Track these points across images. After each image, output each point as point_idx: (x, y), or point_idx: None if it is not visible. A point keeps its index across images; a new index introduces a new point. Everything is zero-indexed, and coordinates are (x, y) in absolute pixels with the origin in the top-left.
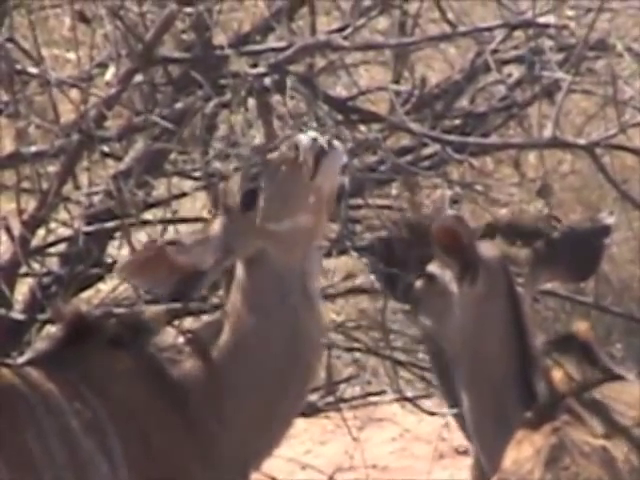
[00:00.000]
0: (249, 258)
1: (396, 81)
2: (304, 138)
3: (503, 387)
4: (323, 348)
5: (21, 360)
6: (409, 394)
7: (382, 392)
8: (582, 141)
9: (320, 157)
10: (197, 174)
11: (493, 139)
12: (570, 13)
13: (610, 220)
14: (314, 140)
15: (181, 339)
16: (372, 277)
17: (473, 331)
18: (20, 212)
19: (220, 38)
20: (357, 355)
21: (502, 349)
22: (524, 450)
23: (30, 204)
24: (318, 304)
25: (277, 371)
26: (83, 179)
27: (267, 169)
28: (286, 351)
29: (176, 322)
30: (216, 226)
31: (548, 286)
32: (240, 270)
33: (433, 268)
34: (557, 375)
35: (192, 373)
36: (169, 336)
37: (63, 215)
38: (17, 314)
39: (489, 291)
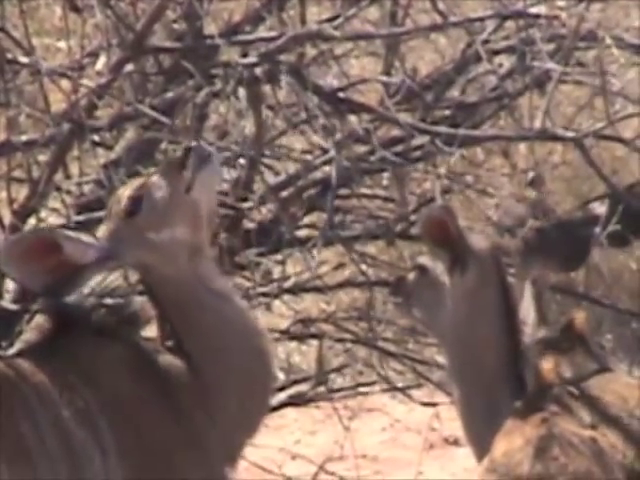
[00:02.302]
0: (142, 266)
1: (387, 72)
2: (191, 147)
3: (493, 377)
4: (267, 335)
5: (11, 352)
6: (399, 384)
7: (372, 382)
8: (571, 133)
9: (198, 169)
10: None
11: (483, 130)
12: (561, 4)
13: (600, 210)
14: (198, 150)
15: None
16: None
17: (464, 322)
18: (11, 201)
19: (211, 28)
20: (348, 345)
21: (493, 340)
22: (514, 441)
23: (21, 193)
24: (236, 299)
25: (237, 364)
26: (74, 168)
27: (155, 175)
28: (233, 344)
29: None
30: (104, 229)
31: None
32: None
33: (424, 260)
34: (547, 366)
35: (177, 363)
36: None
37: (54, 204)
38: (7, 304)
39: (480, 282)
